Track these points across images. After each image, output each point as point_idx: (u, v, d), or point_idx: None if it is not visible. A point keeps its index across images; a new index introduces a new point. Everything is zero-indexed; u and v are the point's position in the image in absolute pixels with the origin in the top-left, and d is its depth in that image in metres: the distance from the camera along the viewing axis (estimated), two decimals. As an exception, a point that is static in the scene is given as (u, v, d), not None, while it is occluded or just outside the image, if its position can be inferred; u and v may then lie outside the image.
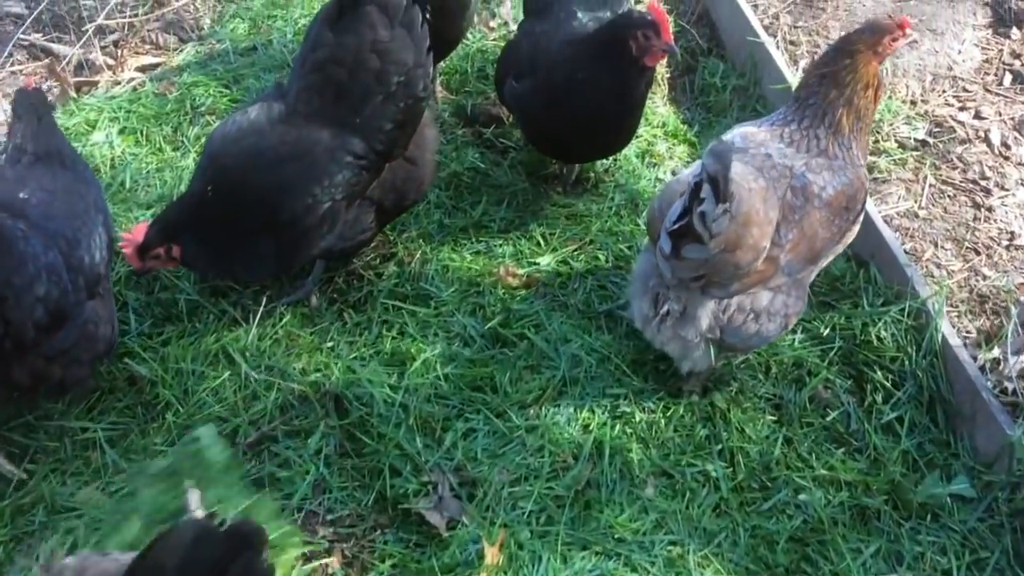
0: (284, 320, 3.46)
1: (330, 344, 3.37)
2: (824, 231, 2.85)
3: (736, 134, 3.01)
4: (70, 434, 3.13)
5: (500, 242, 3.81)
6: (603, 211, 4.00)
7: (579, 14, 3.84)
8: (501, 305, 3.47)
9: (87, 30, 4.91)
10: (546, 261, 3.70)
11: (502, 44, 4.95)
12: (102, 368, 3.22)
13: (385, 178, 3.35)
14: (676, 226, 2.60)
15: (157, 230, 3.18)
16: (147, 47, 5.15)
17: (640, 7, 3.60)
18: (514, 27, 5.12)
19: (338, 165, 3.21)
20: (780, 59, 4.61)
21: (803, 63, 4.89)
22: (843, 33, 4.47)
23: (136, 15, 5.26)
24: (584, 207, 4.03)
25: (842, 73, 2.96)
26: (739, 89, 4.75)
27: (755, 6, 5.24)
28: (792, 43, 5.01)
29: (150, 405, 3.21)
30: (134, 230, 3.20)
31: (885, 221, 3.82)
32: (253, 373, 3.23)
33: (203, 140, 4.33)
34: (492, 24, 5.24)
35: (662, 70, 5.00)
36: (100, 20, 4.99)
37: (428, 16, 3.95)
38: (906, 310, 3.38)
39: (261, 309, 3.45)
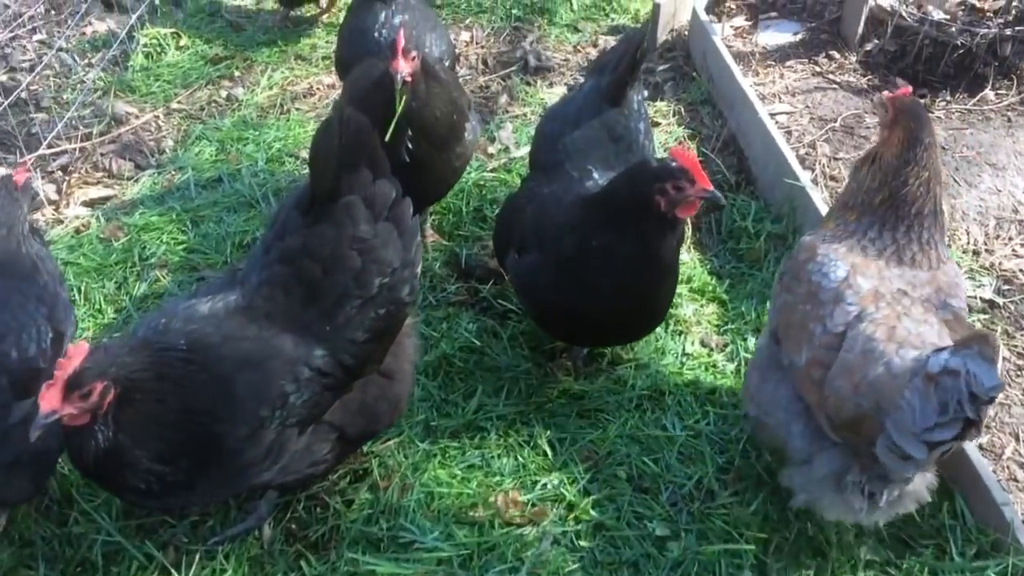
0: (228, 569, 2.72)
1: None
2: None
3: (835, 257, 2.63)
4: None
5: (498, 451, 3.09)
6: (622, 404, 3.29)
7: (595, 173, 3.17)
8: (500, 553, 2.74)
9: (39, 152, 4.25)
10: (555, 481, 2.98)
11: (503, 176, 4.29)
12: None
13: (352, 397, 2.64)
14: (940, 439, 2.21)
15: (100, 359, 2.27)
16: (99, 175, 4.48)
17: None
18: (517, 153, 4.46)
19: (296, 383, 2.50)
20: (821, 203, 3.93)
21: (847, 203, 4.19)
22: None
23: (91, 133, 4.60)
24: (599, 397, 3.33)
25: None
26: (775, 237, 4.06)
27: (788, 132, 4.57)
28: (833, 179, 4.34)
29: None
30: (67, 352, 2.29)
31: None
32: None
33: (151, 301, 3.63)
34: (491, 150, 4.58)
35: (685, 207, 4.32)
36: (51, 139, 4.35)
37: (410, 145, 3.32)
38: (1008, 571, 2.65)
39: (199, 552, 2.72)
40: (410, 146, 3.24)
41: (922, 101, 4.55)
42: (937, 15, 4.81)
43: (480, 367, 3.41)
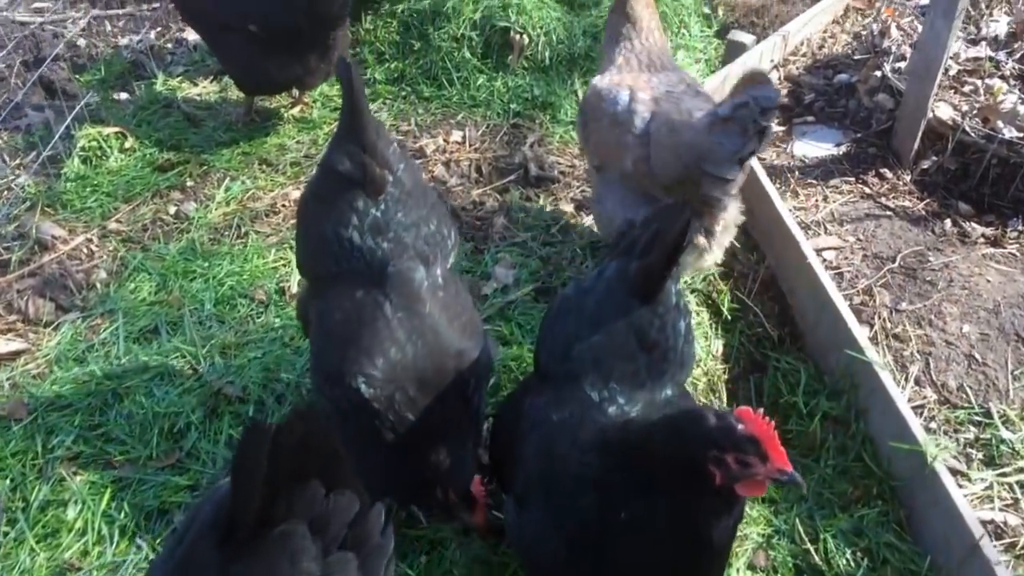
0: None
1: None
2: None
3: (615, 87, 3.37)
4: None
5: None
6: None
7: (619, 396, 2.36)
8: None
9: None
10: None
11: (499, 328, 3.50)
12: None
13: None
14: (746, 151, 2.98)
15: None
16: (12, 318, 3.66)
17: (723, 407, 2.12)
18: (516, 293, 3.67)
19: None
20: (891, 383, 3.14)
21: (914, 372, 3.42)
22: (962, 327, 3.10)
23: (9, 262, 3.79)
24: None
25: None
26: (834, 421, 3.27)
27: (838, 274, 3.79)
28: (897, 338, 3.55)
29: None
30: None
31: None
32: None
33: (52, 510, 2.81)
34: (485, 290, 3.78)
35: (719, 368, 3.53)
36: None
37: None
38: None
39: None
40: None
41: (989, 230, 3.81)
42: (1008, 132, 4.06)
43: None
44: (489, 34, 5.09)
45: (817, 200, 4.16)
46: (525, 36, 5.04)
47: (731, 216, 3.30)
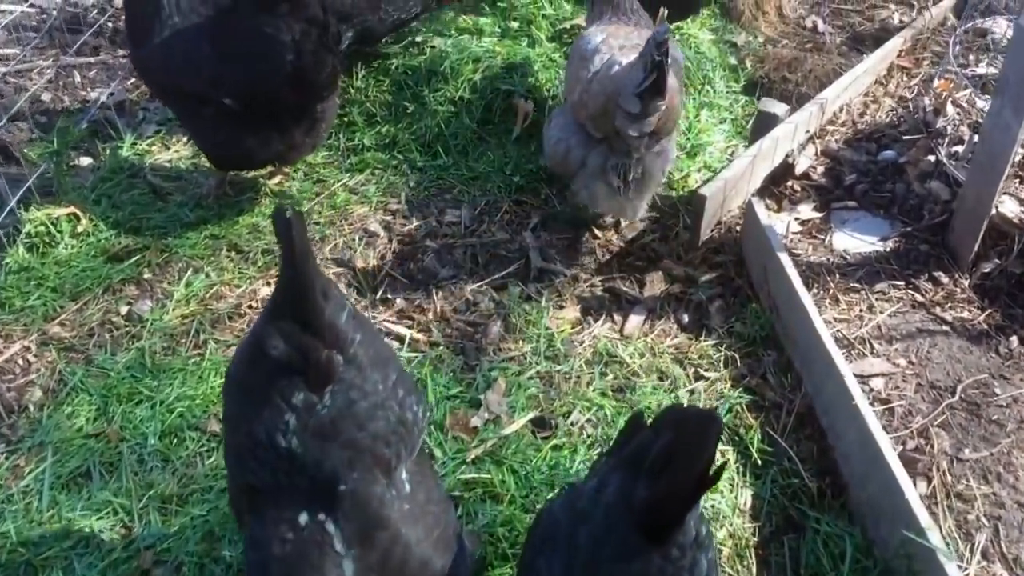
0: None
1: None
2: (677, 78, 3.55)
3: (597, 31, 3.75)
4: None
5: None
6: None
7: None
8: None
9: None
10: None
11: (491, 474, 2.96)
12: None
13: None
14: (646, 83, 3.14)
15: None
16: (-73, 451, 3.13)
17: None
18: (511, 427, 3.12)
19: None
20: (955, 573, 2.56)
21: (981, 542, 2.83)
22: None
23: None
24: None
25: None
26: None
27: (888, 408, 3.21)
28: (960, 497, 2.96)
29: None
30: None
31: None
32: None
33: None
34: (475, 422, 3.22)
35: (747, 527, 2.96)
36: None
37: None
38: None
39: None
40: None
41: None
42: (1086, 235, 3.45)
43: None
44: (490, 98, 4.53)
45: (861, 310, 3.57)
46: (530, 101, 4.47)
47: (651, 166, 3.55)
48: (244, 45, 3.64)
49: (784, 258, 3.51)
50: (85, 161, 4.56)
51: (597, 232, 4.21)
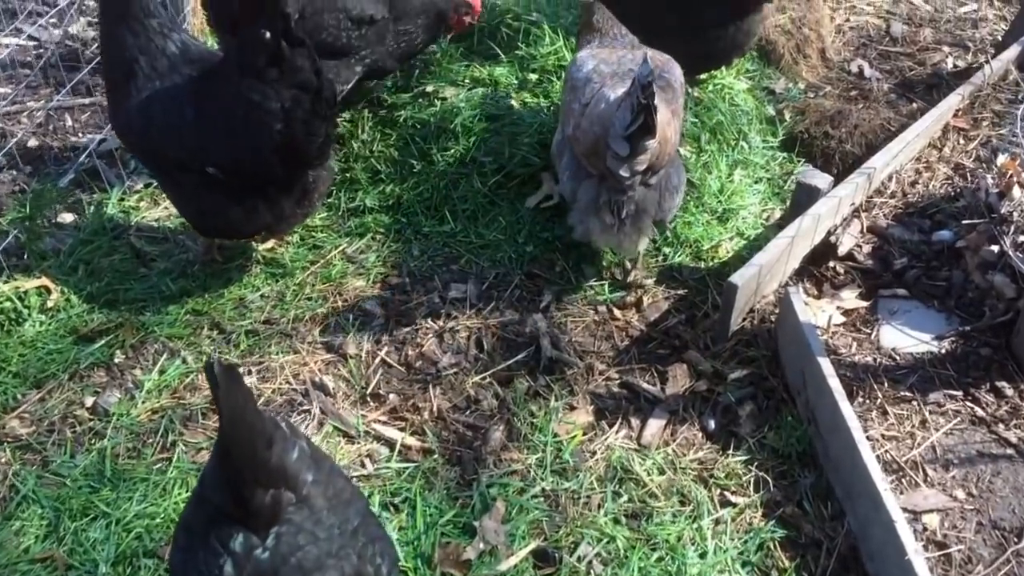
0: None
1: None
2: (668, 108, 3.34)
3: (588, 57, 3.61)
4: None
5: None
6: None
7: None
8: None
9: None
10: None
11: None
12: None
13: None
14: (633, 128, 3.04)
15: None
16: None
17: None
18: (507, 563, 2.70)
19: None
20: None
21: None
22: None
23: None
24: None
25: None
26: None
27: (945, 556, 2.75)
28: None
29: None
30: None
31: None
32: None
33: None
34: (470, 554, 2.82)
35: None
36: None
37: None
38: None
39: None
40: None
41: None
42: None
43: None
44: (505, 160, 4.12)
45: (913, 426, 3.12)
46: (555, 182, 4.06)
47: (646, 201, 3.41)
48: (228, 112, 3.26)
49: (825, 365, 3.07)
50: (68, 218, 4.22)
51: (616, 312, 3.79)
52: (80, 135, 4.85)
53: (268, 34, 3.08)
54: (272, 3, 3.07)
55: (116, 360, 3.47)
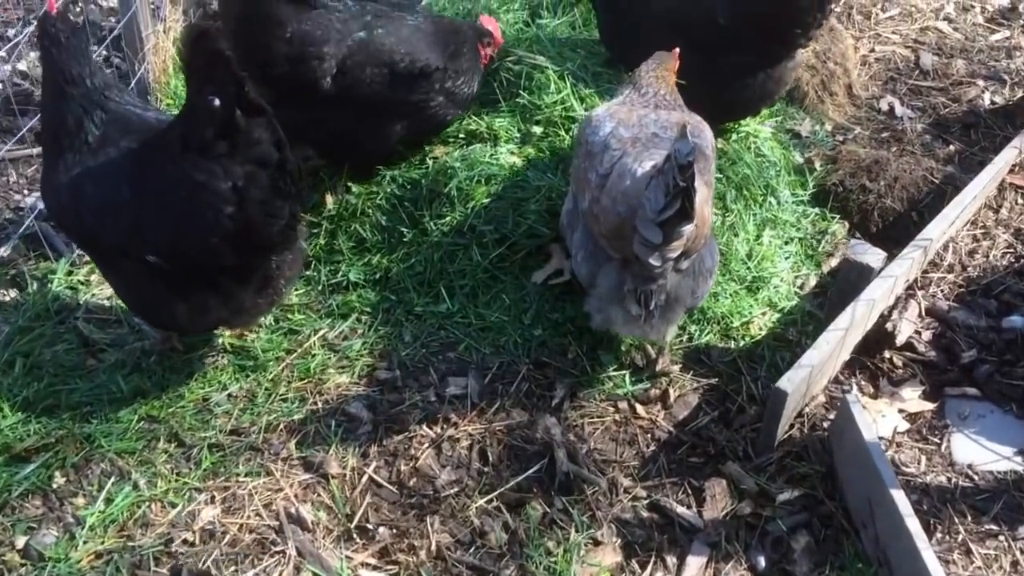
0: None
1: None
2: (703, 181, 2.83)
3: (605, 117, 3.11)
4: None
5: None
6: None
7: None
8: None
9: None
10: None
11: None
12: None
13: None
14: (668, 213, 2.55)
15: None
16: None
17: None
18: None
19: None
20: None
21: None
22: None
23: None
24: None
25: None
26: None
27: None
28: None
29: None
30: None
31: None
32: None
33: None
34: None
35: None
36: None
37: None
38: None
39: None
40: None
41: None
42: None
43: None
44: (508, 230, 3.58)
45: (1004, 570, 2.58)
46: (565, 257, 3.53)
47: (680, 288, 2.96)
48: (169, 193, 2.70)
49: (901, 501, 2.55)
50: (10, 295, 3.64)
51: (639, 408, 3.25)
52: (25, 192, 4.27)
53: (217, 102, 2.52)
54: (223, 63, 2.51)
55: (55, 484, 2.92)
